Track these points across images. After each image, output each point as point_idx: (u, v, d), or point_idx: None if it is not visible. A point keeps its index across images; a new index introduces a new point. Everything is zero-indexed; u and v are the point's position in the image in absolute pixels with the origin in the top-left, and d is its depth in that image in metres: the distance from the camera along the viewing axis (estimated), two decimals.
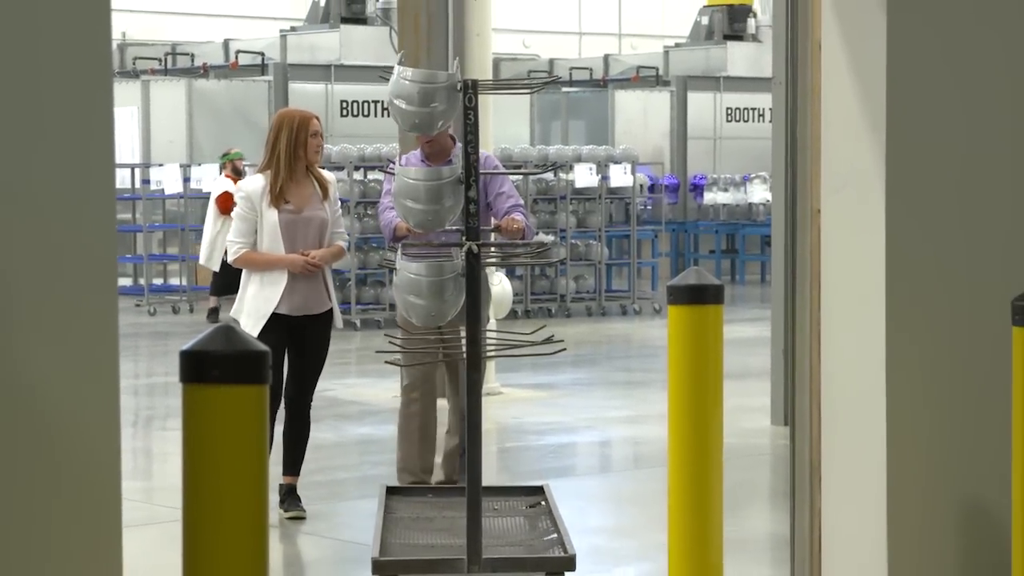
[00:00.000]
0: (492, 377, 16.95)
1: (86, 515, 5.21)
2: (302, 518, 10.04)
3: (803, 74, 7.31)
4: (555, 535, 8.30)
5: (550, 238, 24.23)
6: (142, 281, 27.34)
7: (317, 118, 10.20)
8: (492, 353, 8.19)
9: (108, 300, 5.32)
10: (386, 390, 16.08)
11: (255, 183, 10.02)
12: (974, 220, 7.30)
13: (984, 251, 7.32)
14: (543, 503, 9.06)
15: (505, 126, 23.70)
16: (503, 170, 11.13)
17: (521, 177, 21.39)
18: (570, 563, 7.81)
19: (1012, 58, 7.33)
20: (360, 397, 15.67)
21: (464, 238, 7.91)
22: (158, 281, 28.45)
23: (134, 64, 33.35)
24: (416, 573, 7.96)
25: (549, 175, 23.60)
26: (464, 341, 8.45)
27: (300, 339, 10.01)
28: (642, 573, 8.76)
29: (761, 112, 32.38)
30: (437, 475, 10.61)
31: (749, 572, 8.65)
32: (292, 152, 9.91)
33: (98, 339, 5.25)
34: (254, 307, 10.03)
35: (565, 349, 8.30)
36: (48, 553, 5.15)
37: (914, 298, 7.14)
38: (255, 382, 4.75)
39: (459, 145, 9.28)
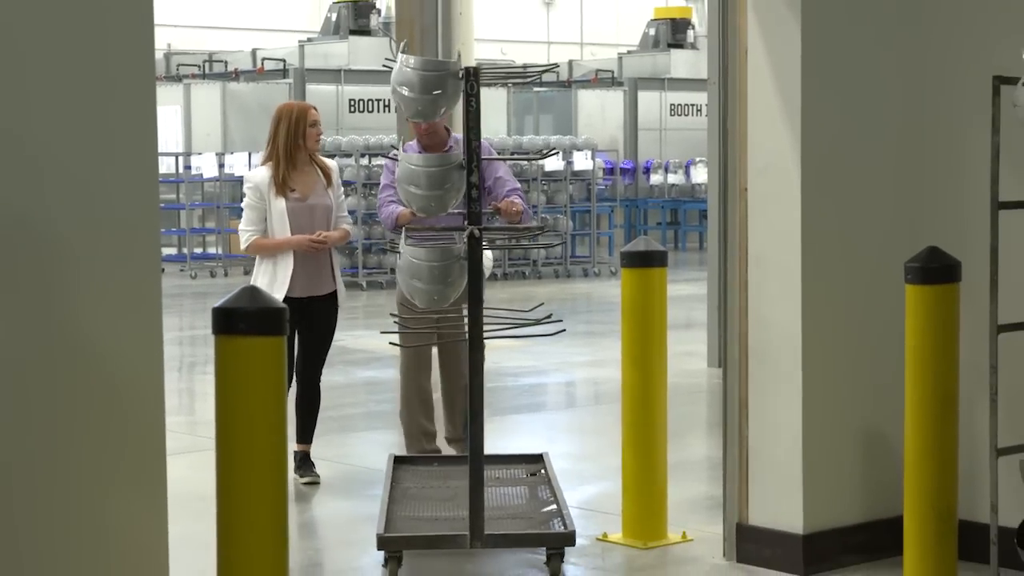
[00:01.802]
0: None
1: (135, 442, 5.20)
2: (316, 483, 9.14)
3: (732, 76, 7.30)
4: (554, 506, 7.46)
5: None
6: (185, 250, 27.33)
7: (315, 108, 9.29)
8: (494, 333, 7.14)
9: (151, 261, 5.30)
10: (387, 341, 16.07)
11: (261, 174, 9.08)
12: (871, 196, 7.30)
13: (880, 222, 7.32)
14: (543, 471, 8.15)
15: (486, 120, 23.54)
16: (497, 156, 9.78)
17: (524, 162, 21.60)
18: (570, 539, 6.95)
19: (902, 66, 7.32)
20: (366, 347, 15.63)
21: (466, 222, 7.03)
22: (198, 250, 28.46)
23: (177, 70, 33.23)
24: (420, 548, 7.12)
25: (524, 161, 23.68)
26: (465, 320, 7.63)
27: (308, 318, 9.13)
28: (601, 490, 8.74)
29: (699, 108, 32.28)
30: (445, 436, 9.58)
31: (689, 489, 8.64)
32: (292, 142, 9.01)
33: (144, 294, 5.24)
34: (268, 292, 9.29)
35: (564, 330, 7.46)
36: (104, 472, 5.14)
37: (824, 261, 7.14)
38: (274, 334, 4.76)
39: (454, 135, 8.88)
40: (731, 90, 7.31)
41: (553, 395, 13.68)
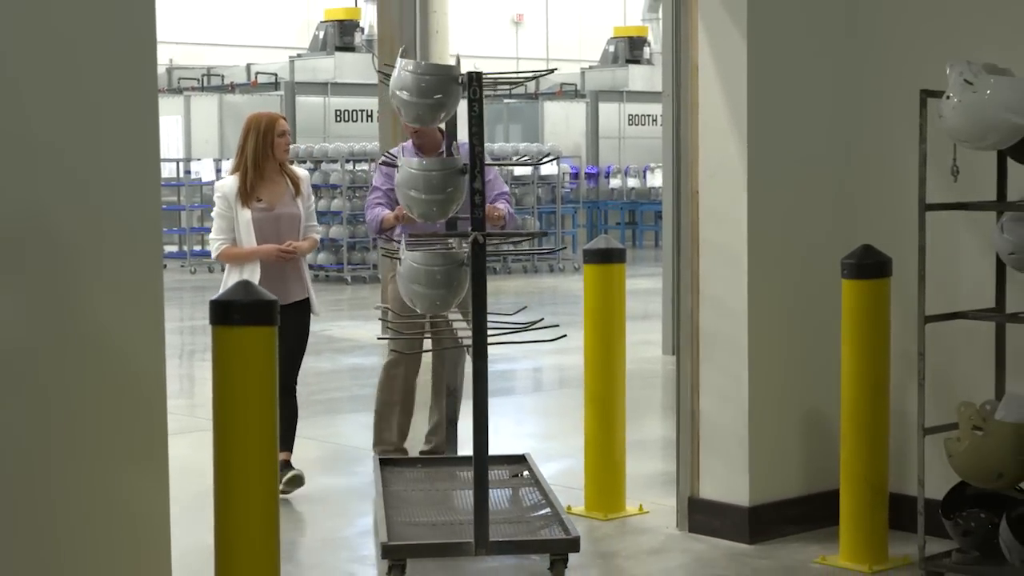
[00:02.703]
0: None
1: (140, 423, 5.19)
2: (300, 479, 8.20)
3: (685, 89, 7.30)
4: (548, 510, 6.86)
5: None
6: (185, 248, 27.28)
7: (284, 118, 8.44)
8: (496, 340, 6.49)
9: (154, 258, 5.29)
10: (370, 331, 16.06)
11: (229, 184, 8.23)
12: (811, 198, 7.32)
13: (819, 222, 7.33)
14: (526, 473, 7.54)
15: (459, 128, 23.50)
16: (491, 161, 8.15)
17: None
18: (575, 544, 6.35)
19: (840, 80, 7.34)
20: (350, 336, 15.61)
21: (470, 227, 6.30)
22: (197, 248, 28.38)
23: (178, 83, 33.13)
24: (425, 556, 6.56)
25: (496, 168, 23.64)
26: (456, 326, 7.21)
27: (281, 328, 8.38)
28: (565, 467, 8.73)
29: (654, 118, 32.25)
30: (427, 445, 8.82)
31: (645, 466, 8.65)
32: (261, 152, 8.15)
33: (147, 287, 5.23)
34: None
35: (565, 336, 6.81)
36: (112, 449, 5.13)
37: (769, 258, 7.15)
38: (266, 324, 4.77)
39: (454, 139, 8.05)
40: (683, 102, 7.31)
41: (521, 380, 13.67)
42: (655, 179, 30.59)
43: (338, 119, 29.74)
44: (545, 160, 7.59)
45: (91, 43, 5.04)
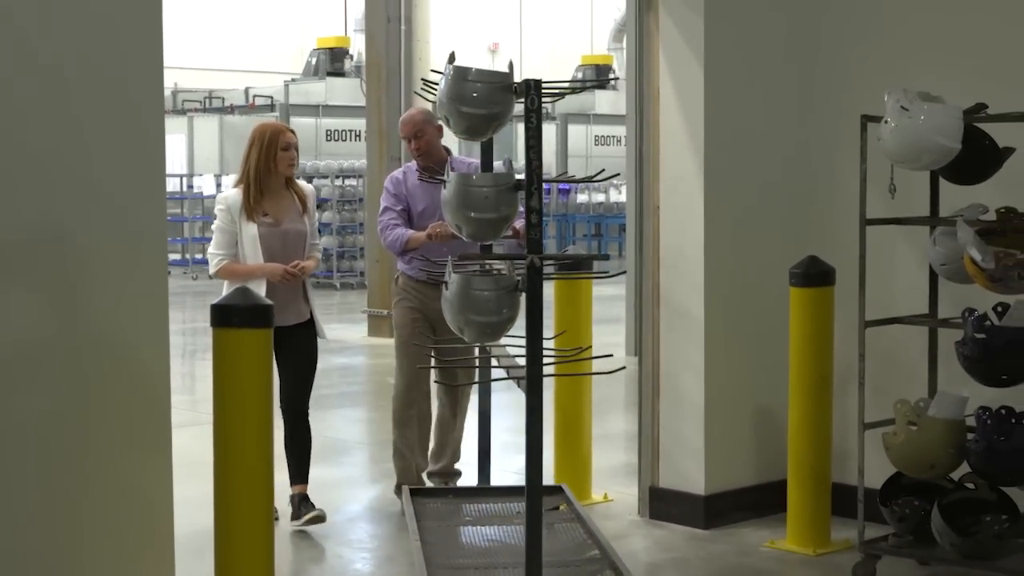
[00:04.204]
0: None
1: (146, 416, 5.19)
2: (321, 519, 7.15)
3: (647, 112, 7.30)
4: (596, 552, 5.62)
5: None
6: (187, 256, 27.24)
7: (291, 131, 7.26)
8: (551, 372, 5.46)
9: (160, 264, 5.29)
10: (357, 333, 16.08)
11: (233, 196, 7.15)
12: (762, 213, 7.33)
13: (770, 234, 7.35)
14: (565, 506, 6.17)
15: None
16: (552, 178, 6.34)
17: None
18: None
19: (788, 104, 7.36)
20: (339, 338, 15.56)
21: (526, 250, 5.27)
22: (199, 256, 28.32)
23: (182, 105, 33.06)
24: None
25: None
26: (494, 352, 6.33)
27: (284, 350, 7.07)
28: None
29: (619, 139, 32.29)
30: (436, 469, 7.72)
31: (610, 458, 8.65)
32: (263, 165, 7.10)
33: (153, 292, 5.23)
34: None
35: (624, 367, 5.91)
36: (120, 441, 5.13)
37: (723, 267, 7.16)
38: (262, 327, 4.76)
39: (454, 156, 7.57)
40: (646, 123, 7.32)
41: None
42: (619, 195, 30.62)
43: (329, 138, 29.73)
44: (600, 178, 5.85)
45: (105, 69, 5.07)
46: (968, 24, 6.87)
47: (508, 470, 8.25)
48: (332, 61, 32.68)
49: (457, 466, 7.77)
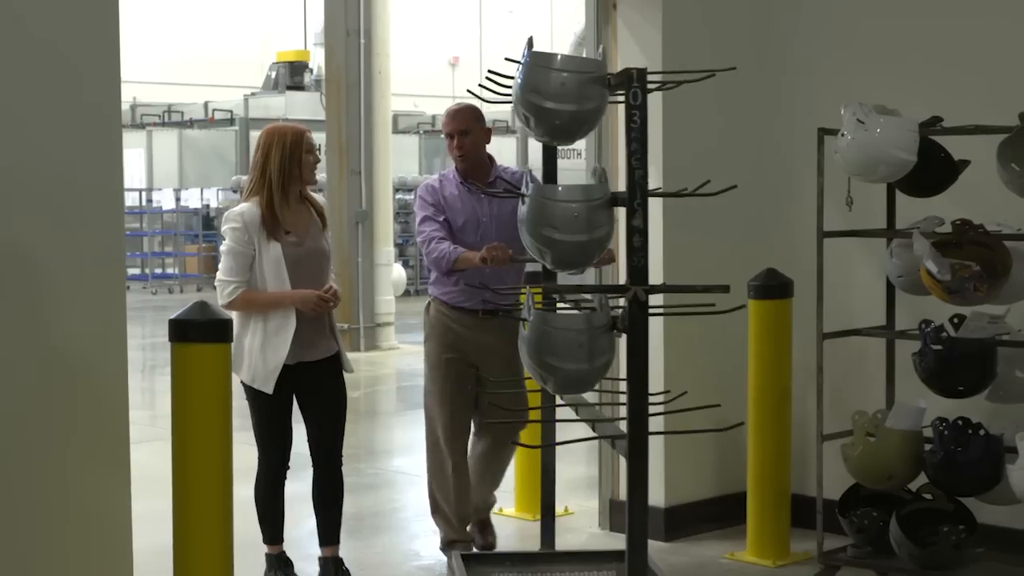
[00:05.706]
0: (392, 336, 16.86)
1: (104, 431, 5.16)
2: None
3: (606, 125, 7.32)
4: None
5: None
6: (147, 271, 27.19)
7: (309, 132, 6.10)
8: (658, 430, 4.74)
9: (118, 278, 5.27)
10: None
11: (251, 212, 5.92)
12: (721, 226, 7.35)
13: (728, 246, 7.37)
14: None
15: (398, 161, 23.61)
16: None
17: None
18: None
19: (746, 118, 7.40)
20: None
21: (628, 281, 4.36)
22: (158, 271, 28.28)
23: (141, 119, 32.93)
24: None
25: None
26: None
27: (308, 390, 6.11)
28: None
29: (578, 152, 32.31)
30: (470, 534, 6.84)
31: (570, 470, 8.63)
32: (287, 172, 5.90)
33: (111, 307, 5.21)
34: (260, 361, 5.96)
35: (743, 423, 5.56)
36: (77, 456, 5.10)
37: (683, 279, 7.17)
38: (220, 341, 4.75)
39: (498, 165, 6.70)
40: (605, 137, 7.34)
41: None
42: None
43: None
44: (714, 191, 5.15)
45: (62, 83, 5.05)
46: (923, 36, 6.92)
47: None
48: (292, 75, 32.59)
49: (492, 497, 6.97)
